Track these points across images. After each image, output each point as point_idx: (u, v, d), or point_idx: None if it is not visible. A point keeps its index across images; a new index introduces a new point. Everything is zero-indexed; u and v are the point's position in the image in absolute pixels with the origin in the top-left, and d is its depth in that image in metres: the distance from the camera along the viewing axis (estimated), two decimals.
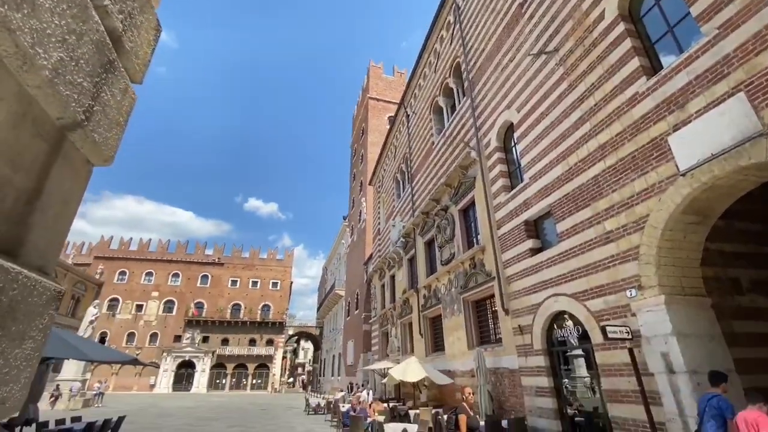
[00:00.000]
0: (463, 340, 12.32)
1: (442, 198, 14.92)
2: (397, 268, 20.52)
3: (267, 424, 15.18)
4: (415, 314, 16.84)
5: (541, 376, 8.40)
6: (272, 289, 55.20)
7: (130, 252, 52.66)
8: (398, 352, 18.88)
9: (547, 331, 8.52)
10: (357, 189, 39.92)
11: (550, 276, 8.35)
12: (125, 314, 49.10)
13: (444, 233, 14.33)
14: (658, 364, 5.79)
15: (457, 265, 12.95)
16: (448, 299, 13.66)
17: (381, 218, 26.34)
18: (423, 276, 16.42)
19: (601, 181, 7.21)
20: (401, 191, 22.05)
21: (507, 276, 10.04)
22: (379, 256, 25.04)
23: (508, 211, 10.20)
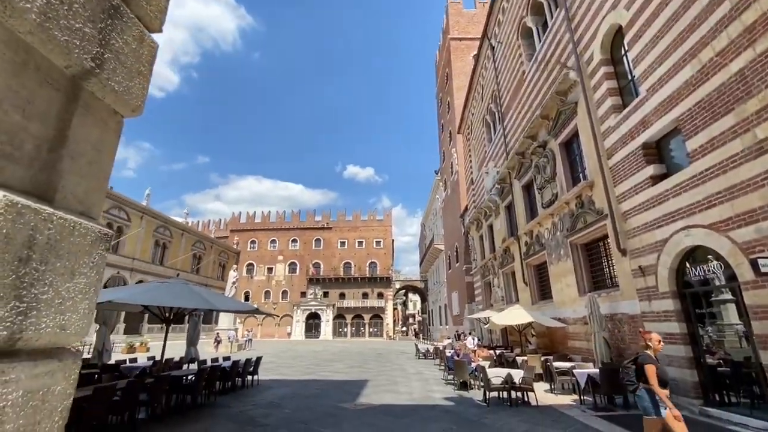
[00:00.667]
0: (572, 287, 11.31)
1: (538, 133, 13.36)
2: (494, 216, 19.55)
3: (381, 365, 16.60)
4: (518, 263, 16.01)
5: (670, 321, 7.25)
6: (376, 248, 58.48)
7: (255, 224, 60.86)
8: (502, 302, 18.43)
9: (676, 271, 7.20)
10: (446, 140, 38.54)
11: (679, 206, 6.90)
12: (260, 276, 57.76)
13: (543, 173, 12.94)
14: None
15: (561, 206, 11.67)
16: (552, 244, 12.56)
17: (473, 167, 25.08)
18: (523, 222, 15.33)
19: (748, 74, 5.46)
20: (492, 135, 20.46)
21: (622, 212, 8.66)
22: (475, 206, 24.15)
23: (621, 135, 8.60)
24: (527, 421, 6.73)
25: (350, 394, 9.63)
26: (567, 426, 6.36)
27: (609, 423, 6.44)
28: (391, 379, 12.36)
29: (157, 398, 6.68)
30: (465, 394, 9.55)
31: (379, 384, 11.24)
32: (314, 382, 11.68)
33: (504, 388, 8.16)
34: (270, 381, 11.81)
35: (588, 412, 7.24)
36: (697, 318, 6.94)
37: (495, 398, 8.57)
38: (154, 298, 6.40)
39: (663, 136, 7.50)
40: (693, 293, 6.99)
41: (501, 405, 8.13)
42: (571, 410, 7.47)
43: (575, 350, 11.28)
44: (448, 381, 11.45)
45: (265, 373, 13.29)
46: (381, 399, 8.90)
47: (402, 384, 11.21)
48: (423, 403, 8.47)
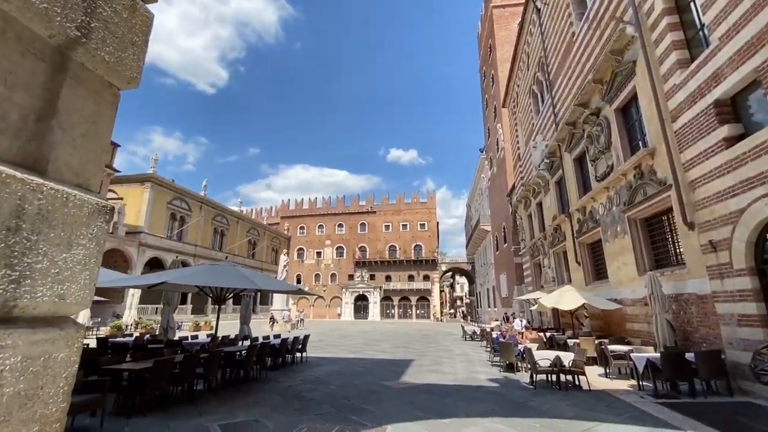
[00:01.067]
0: (630, 265, 10.43)
1: (590, 100, 12.26)
2: (544, 193, 18.48)
3: (427, 346, 16.64)
4: (569, 241, 15.08)
5: (746, 301, 6.41)
6: (421, 230, 58.20)
7: (303, 210, 63.00)
8: (553, 283, 17.56)
9: (754, 245, 6.32)
10: (491, 116, 36.87)
11: (760, 170, 5.98)
12: (310, 260, 60.04)
13: (597, 143, 11.90)
14: None
15: (618, 179, 10.70)
16: (608, 220, 11.62)
17: (520, 142, 23.79)
18: (574, 198, 14.32)
19: None
20: (540, 106, 19.16)
21: (689, 181, 7.73)
22: (522, 184, 22.99)
23: (688, 93, 7.59)
24: (577, 405, 6.36)
25: (394, 373, 9.73)
26: (622, 412, 5.93)
27: (671, 411, 5.90)
28: (436, 359, 12.33)
29: (212, 371, 7.16)
30: (511, 376, 9.27)
31: (424, 364, 11.26)
32: (360, 361, 11.96)
33: (552, 370, 7.78)
34: (318, 358, 12.28)
35: (647, 398, 6.70)
36: None
37: (543, 381, 8.21)
38: (203, 279, 6.81)
39: (739, 91, 6.48)
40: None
41: (549, 388, 7.77)
42: (628, 396, 6.96)
43: (634, 333, 10.47)
44: (495, 363, 11.19)
45: (314, 351, 13.85)
46: (424, 378, 8.89)
47: (447, 364, 11.14)
48: (467, 383, 8.34)
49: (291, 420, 5.49)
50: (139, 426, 5.15)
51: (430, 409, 6.21)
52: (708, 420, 5.36)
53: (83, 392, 5.01)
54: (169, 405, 6.22)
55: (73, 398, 4.34)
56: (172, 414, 5.72)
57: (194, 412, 5.82)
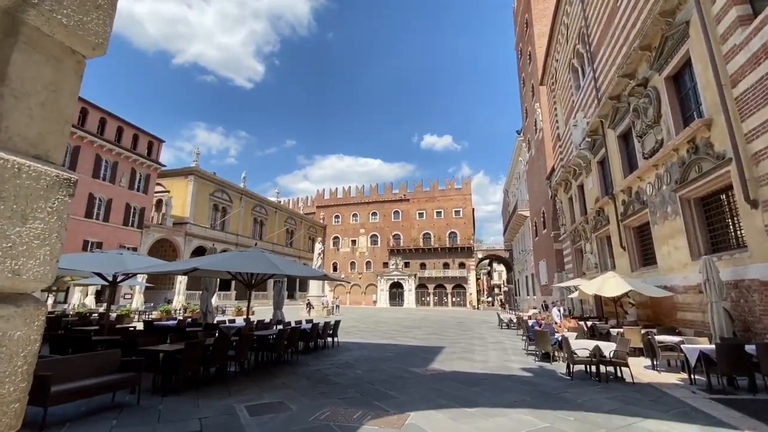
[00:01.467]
0: (683, 249, 9.54)
1: (637, 69, 11.20)
2: (585, 174, 17.37)
3: (460, 333, 16.38)
4: (613, 225, 14.10)
5: None
6: (456, 217, 57.22)
7: (338, 199, 63.89)
8: (596, 270, 16.58)
9: None
10: (528, 96, 35.10)
11: None
12: (345, 248, 61.04)
13: (644, 116, 10.89)
14: None
15: (668, 154, 9.74)
16: (657, 201, 10.67)
17: (559, 121, 22.45)
18: (619, 178, 13.30)
19: None
20: (580, 80, 17.88)
21: (754, 153, 6.84)
22: (562, 166, 21.75)
23: (751, 53, 6.66)
24: (617, 399, 5.93)
25: (423, 359, 9.62)
26: (668, 408, 5.44)
27: (726, 408, 5.34)
28: (468, 347, 12.08)
29: (242, 354, 7.38)
30: (547, 366, 8.85)
31: (455, 351, 11.05)
32: (391, 347, 11.96)
33: (591, 361, 7.31)
34: (350, 343, 12.41)
35: (699, 393, 6.12)
36: None
37: (581, 372, 7.76)
38: (231, 265, 6.99)
39: None
40: None
41: (588, 380, 7.33)
42: (677, 390, 6.39)
43: (686, 323, 9.63)
44: (530, 352, 10.77)
45: (347, 337, 14.04)
46: (453, 366, 8.71)
47: (479, 352, 10.86)
48: (498, 372, 8.06)
49: (315, 403, 5.53)
50: (172, 404, 5.39)
51: (456, 397, 6.03)
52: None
53: (121, 371, 5.30)
54: (203, 385, 6.48)
55: (110, 376, 4.59)
56: (204, 393, 5.95)
57: (224, 393, 6.02)
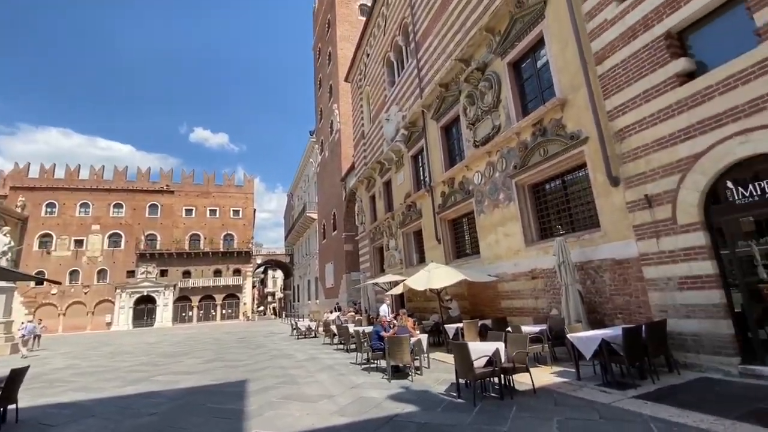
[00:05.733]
0: (515, 236, 9.39)
1: (474, 54, 10.95)
2: (395, 170, 16.94)
3: (255, 354, 12.22)
4: (428, 218, 13.75)
5: (696, 260, 5.58)
6: (234, 218, 50.47)
7: (55, 181, 44.65)
8: (401, 266, 16.15)
9: (707, 196, 5.52)
10: (325, 97, 34.32)
11: (733, 104, 5.10)
12: (62, 251, 42.93)
13: (481, 102, 10.63)
14: None
15: (508, 140, 9.53)
16: (486, 189, 10.46)
17: (365, 119, 21.97)
18: (439, 170, 13.01)
19: None
20: (397, 75, 17.60)
21: (617, 130, 6.75)
22: (365, 163, 21.21)
23: (627, 27, 6.57)
24: (561, 426, 4.00)
25: (226, 415, 5.40)
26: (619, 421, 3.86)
27: (655, 404, 4.24)
28: (282, 374, 8.39)
29: None
30: (411, 385, 6.46)
31: (269, 386, 7.19)
32: (147, 398, 6.81)
33: (493, 372, 5.34)
34: (57, 408, 6.38)
35: (614, 392, 5.02)
36: (735, 253, 5.38)
37: (462, 386, 5.72)
38: None
39: (700, 18, 5.63)
40: (730, 220, 5.38)
41: (488, 398, 5.32)
42: (585, 391, 5.16)
43: (513, 311, 9.50)
44: (371, 367, 8.24)
45: (53, 394, 7.57)
46: (291, 420, 5.02)
47: (305, 382, 7.43)
48: (365, 416, 4.97)
49: None
50: None
51: None
52: (713, 409, 3.86)
53: None
54: None
55: None
56: None
57: None
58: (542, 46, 8.72)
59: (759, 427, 3.51)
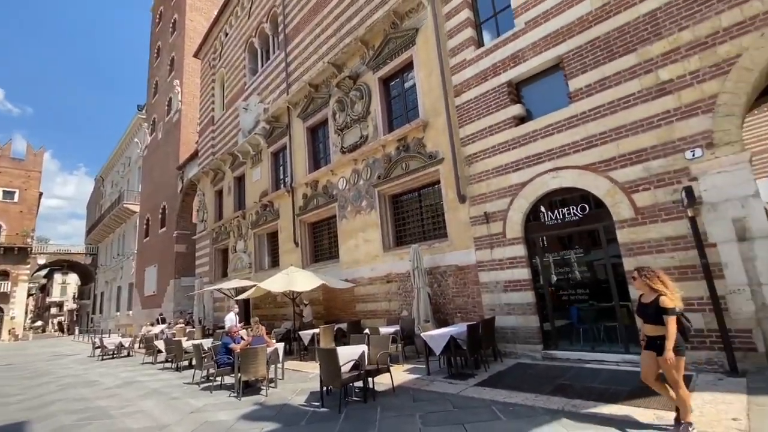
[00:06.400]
0: (375, 242, 9.82)
1: (347, 63, 11.12)
2: (251, 164, 15.62)
3: (33, 386, 9.06)
4: (286, 220, 13.12)
5: (517, 267, 6.93)
6: (5, 201, 37.25)
7: None
8: (249, 270, 14.87)
9: (527, 216, 6.95)
10: (164, 69, 29.32)
11: (549, 147, 6.61)
12: None
13: (351, 110, 10.83)
14: (726, 231, 4.88)
15: (374, 150, 9.96)
16: (350, 195, 10.66)
17: (216, 104, 19.64)
18: (302, 171, 12.62)
19: (661, 17, 5.57)
20: (261, 64, 16.38)
21: (467, 155, 7.87)
22: (213, 153, 18.93)
23: (480, 70, 7.78)
24: (428, 421, 4.31)
25: None
26: (474, 410, 4.45)
27: (494, 389, 5.04)
28: (85, 408, 6.46)
29: None
30: (266, 400, 5.90)
31: (67, 427, 5.40)
32: None
33: (359, 375, 5.33)
34: None
35: (459, 383, 5.69)
36: (542, 262, 6.89)
37: (316, 395, 5.55)
38: None
39: (534, 75, 7.14)
40: (541, 237, 6.90)
41: (350, 403, 5.26)
42: (437, 385, 5.70)
43: (367, 314, 9.86)
44: (212, 385, 7.15)
45: None
46: None
47: (124, 413, 5.90)
48: None
49: None
50: None
51: None
52: (532, 388, 4.87)
53: None
54: None
55: None
56: None
57: None
58: (411, 69, 9.52)
59: (563, 397, 4.51)
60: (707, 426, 3.41)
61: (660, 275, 3.59)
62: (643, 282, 3.60)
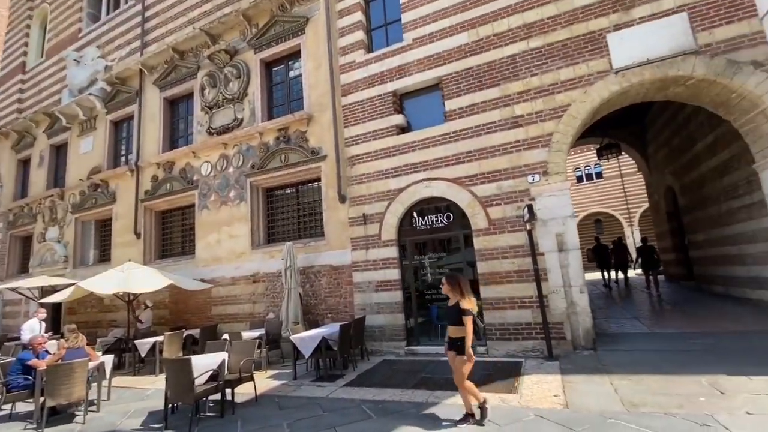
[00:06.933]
0: (242, 238, 8.93)
1: (225, 35, 9.92)
2: (80, 131, 12.46)
3: None
4: (125, 205, 10.86)
5: (389, 268, 7.22)
6: None
7: None
8: (64, 264, 11.74)
9: (402, 219, 7.35)
10: None
11: (424, 158, 7.14)
12: None
13: (223, 88, 9.66)
14: (551, 243, 6.07)
15: (250, 136, 9.09)
16: (216, 183, 9.47)
17: (32, 46, 15.07)
18: (154, 148, 10.66)
19: (520, 62, 6.64)
20: (106, 11, 13.25)
21: (351, 156, 7.88)
22: (20, 110, 14.45)
23: (368, 75, 7.91)
24: (300, 426, 4.05)
25: None
26: (345, 412, 4.41)
27: (362, 389, 5.16)
28: None
29: None
30: (83, 429, 4.63)
31: None
32: None
33: (217, 387, 4.65)
34: None
35: (327, 386, 5.55)
36: (411, 264, 7.34)
37: (160, 412, 4.69)
38: None
39: (417, 89, 7.60)
40: (412, 241, 7.35)
41: (204, 420, 4.55)
42: (305, 389, 5.44)
43: (226, 317, 8.87)
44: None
45: None
46: None
47: None
48: None
49: None
50: None
51: None
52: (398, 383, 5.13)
53: None
54: None
55: None
56: None
57: None
58: (298, 58, 9.08)
59: (426, 390, 4.84)
60: (536, 402, 4.09)
61: (461, 282, 3.82)
62: (448, 287, 3.83)
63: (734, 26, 5.46)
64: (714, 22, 5.57)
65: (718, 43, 5.53)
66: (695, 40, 5.63)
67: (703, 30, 5.62)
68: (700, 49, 5.59)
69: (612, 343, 5.94)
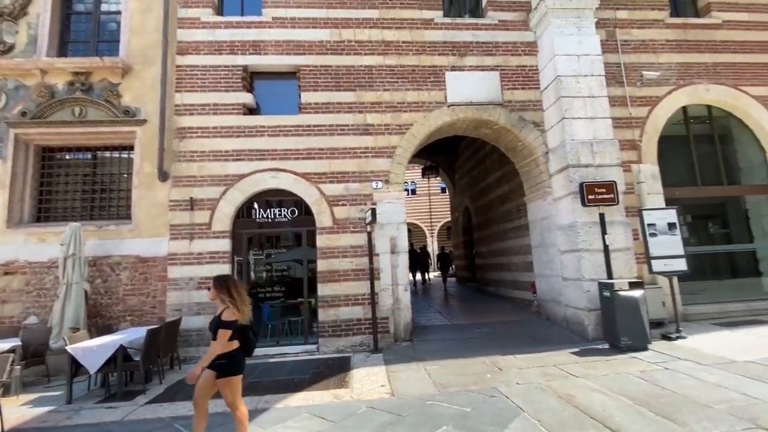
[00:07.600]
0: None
1: None
2: None
3: None
4: None
5: (218, 263, 6.37)
6: None
7: None
8: None
9: (239, 210, 6.65)
10: None
11: (273, 147, 6.69)
12: None
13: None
14: (385, 245, 6.62)
15: (24, 71, 6.51)
16: None
17: None
18: None
19: (375, 74, 7.04)
20: None
21: (180, 127, 6.64)
22: None
23: (216, 40, 6.88)
24: None
25: None
26: None
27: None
28: None
29: None
30: None
31: None
32: None
33: None
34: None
35: (123, 405, 4.43)
36: (247, 259, 6.68)
37: None
38: None
39: (273, 72, 7.00)
40: (248, 234, 6.71)
41: None
42: (89, 414, 4.19)
43: None
44: None
45: None
46: None
47: None
48: None
49: None
50: None
51: None
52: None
53: None
54: None
55: None
56: None
57: None
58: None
59: (255, 395, 4.47)
60: (367, 394, 4.33)
61: (233, 286, 3.13)
62: (215, 293, 3.13)
63: (527, 92, 7.27)
64: (515, 85, 7.28)
65: (515, 102, 7.24)
66: (502, 95, 7.22)
67: (508, 89, 7.26)
68: (504, 103, 7.19)
69: (423, 334, 6.90)
